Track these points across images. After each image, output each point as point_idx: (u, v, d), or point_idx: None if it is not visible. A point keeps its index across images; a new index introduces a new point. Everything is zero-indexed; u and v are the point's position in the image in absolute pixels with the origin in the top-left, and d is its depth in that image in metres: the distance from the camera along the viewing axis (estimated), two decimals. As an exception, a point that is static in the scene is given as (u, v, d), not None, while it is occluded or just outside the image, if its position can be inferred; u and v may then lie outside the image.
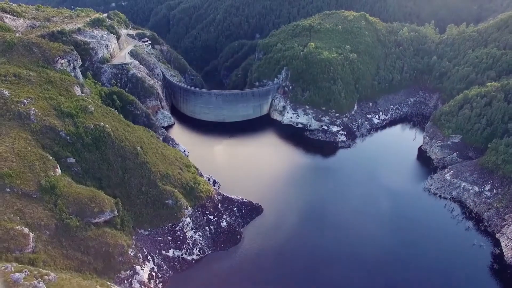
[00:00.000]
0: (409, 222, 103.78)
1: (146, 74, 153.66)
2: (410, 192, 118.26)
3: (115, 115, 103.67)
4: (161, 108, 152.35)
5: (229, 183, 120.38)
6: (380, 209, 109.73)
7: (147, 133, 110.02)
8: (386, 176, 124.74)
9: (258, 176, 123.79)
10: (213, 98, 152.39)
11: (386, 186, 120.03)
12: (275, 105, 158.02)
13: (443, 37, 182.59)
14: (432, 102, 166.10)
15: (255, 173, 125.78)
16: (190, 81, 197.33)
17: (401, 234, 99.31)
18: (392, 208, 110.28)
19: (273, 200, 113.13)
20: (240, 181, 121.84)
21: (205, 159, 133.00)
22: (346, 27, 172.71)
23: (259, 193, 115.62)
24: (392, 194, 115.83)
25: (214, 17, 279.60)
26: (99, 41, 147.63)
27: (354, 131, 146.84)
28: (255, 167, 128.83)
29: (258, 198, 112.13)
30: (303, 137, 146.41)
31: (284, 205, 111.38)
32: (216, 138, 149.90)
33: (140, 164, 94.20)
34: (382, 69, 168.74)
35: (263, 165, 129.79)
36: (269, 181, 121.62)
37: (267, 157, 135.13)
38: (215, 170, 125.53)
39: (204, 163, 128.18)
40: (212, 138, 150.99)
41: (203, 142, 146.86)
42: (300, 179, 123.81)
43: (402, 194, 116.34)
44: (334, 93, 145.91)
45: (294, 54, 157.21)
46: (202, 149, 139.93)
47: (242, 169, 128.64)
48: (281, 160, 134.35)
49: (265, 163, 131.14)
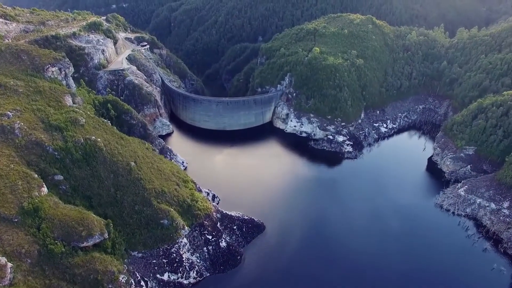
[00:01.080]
0: (421, 242, 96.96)
1: (144, 80, 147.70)
2: (421, 208, 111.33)
3: (108, 127, 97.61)
4: (159, 115, 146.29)
5: (230, 197, 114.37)
6: (389, 227, 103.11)
7: (142, 145, 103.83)
8: (394, 190, 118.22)
9: (260, 189, 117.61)
10: (214, 105, 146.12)
11: (395, 201, 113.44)
12: (278, 113, 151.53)
13: (453, 41, 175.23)
14: (442, 109, 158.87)
15: (256, 185, 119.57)
16: (191, 86, 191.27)
17: (412, 255, 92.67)
18: (402, 226, 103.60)
19: (276, 216, 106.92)
20: (241, 195, 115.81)
21: (205, 171, 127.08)
22: (352, 31, 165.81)
23: (261, 208, 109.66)
24: (401, 210, 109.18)
25: (216, 19, 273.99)
26: (95, 46, 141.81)
27: (360, 141, 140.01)
28: (257, 179, 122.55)
29: (260, 214, 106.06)
30: (308, 147, 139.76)
31: (287, 222, 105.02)
32: (216, 148, 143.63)
33: (134, 181, 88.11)
34: (390, 75, 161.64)
35: (265, 177, 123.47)
36: (271, 195, 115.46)
37: (269, 168, 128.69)
38: (215, 182, 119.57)
39: (203, 176, 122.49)
40: (212, 147, 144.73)
41: (202, 152, 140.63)
42: (304, 192, 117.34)
43: (412, 210, 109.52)
44: (340, 101, 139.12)
45: (298, 59, 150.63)
46: (202, 160, 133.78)
47: (243, 181, 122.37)
48: (284, 172, 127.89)
49: (267, 175, 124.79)
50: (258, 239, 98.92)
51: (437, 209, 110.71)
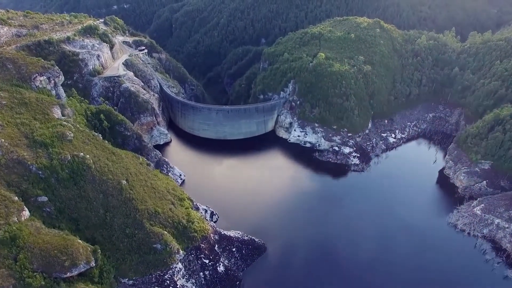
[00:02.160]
0: (434, 266, 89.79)
1: (140, 87, 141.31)
2: (433, 227, 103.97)
3: (99, 141, 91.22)
4: (156, 124, 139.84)
5: (229, 213, 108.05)
6: (398, 248, 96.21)
7: (136, 160, 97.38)
8: (404, 207, 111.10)
9: (261, 205, 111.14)
10: (213, 113, 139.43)
11: (404, 218, 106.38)
12: (281, 121, 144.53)
13: (465, 46, 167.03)
14: (454, 118, 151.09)
15: (257, 200, 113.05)
16: (191, 91, 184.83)
17: (424, 280, 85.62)
18: (413, 247, 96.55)
19: (278, 235, 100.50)
20: (241, 211, 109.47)
21: (203, 184, 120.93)
22: (359, 35, 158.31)
23: (262, 226, 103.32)
24: (412, 229, 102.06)
25: (218, 21, 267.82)
26: (90, 52, 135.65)
27: (368, 152, 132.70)
28: (258, 193, 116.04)
29: (261, 233, 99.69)
30: (312, 158, 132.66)
31: (290, 241, 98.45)
32: (216, 158, 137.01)
33: (125, 201, 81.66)
34: (399, 82, 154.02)
35: (267, 191, 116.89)
36: (273, 211, 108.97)
37: (271, 182, 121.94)
38: (214, 196, 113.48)
39: (201, 190, 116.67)
40: (211, 158, 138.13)
41: (201, 163, 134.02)
42: (308, 209, 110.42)
43: (423, 230, 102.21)
44: (346, 110, 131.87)
45: (302, 65, 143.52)
46: (201, 172, 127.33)
47: (243, 195, 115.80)
48: (287, 186, 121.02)
49: (269, 189, 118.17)
50: (258, 262, 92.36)
51: (450, 229, 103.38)
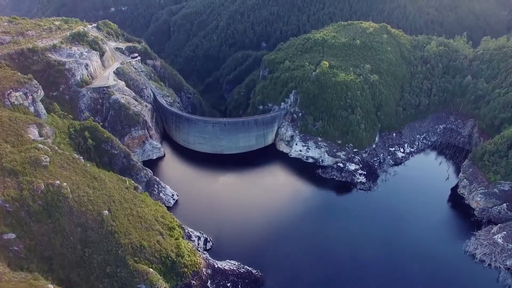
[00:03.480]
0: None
1: (132, 98, 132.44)
2: (448, 256, 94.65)
3: (79, 165, 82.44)
4: (149, 137, 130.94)
5: (224, 238, 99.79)
6: (410, 277, 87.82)
7: (122, 184, 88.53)
8: (415, 231, 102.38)
9: (259, 228, 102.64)
10: (209, 126, 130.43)
11: (415, 245, 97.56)
12: (282, 134, 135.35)
13: (478, 52, 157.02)
14: (466, 130, 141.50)
15: (255, 223, 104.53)
16: (187, 99, 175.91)
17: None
18: (426, 278, 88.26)
19: (277, 264, 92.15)
20: (238, 235, 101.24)
21: (198, 204, 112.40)
22: (365, 42, 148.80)
23: (260, 253, 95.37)
24: (424, 258, 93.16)
25: (217, 24, 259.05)
26: (78, 60, 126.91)
27: (375, 169, 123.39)
28: (256, 215, 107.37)
29: (259, 262, 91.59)
30: (315, 175, 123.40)
31: (291, 273, 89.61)
32: (212, 175, 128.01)
33: (106, 235, 73.02)
34: (407, 91, 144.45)
35: (265, 213, 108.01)
36: (272, 236, 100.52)
37: (270, 202, 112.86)
38: (208, 218, 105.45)
39: (195, 211, 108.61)
40: (207, 174, 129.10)
41: (196, 180, 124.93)
42: (311, 234, 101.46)
43: (437, 259, 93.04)
44: (352, 124, 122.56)
45: (304, 74, 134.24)
46: (195, 190, 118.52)
47: (240, 217, 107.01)
48: (288, 207, 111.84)
49: (268, 210, 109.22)
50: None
51: (468, 258, 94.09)
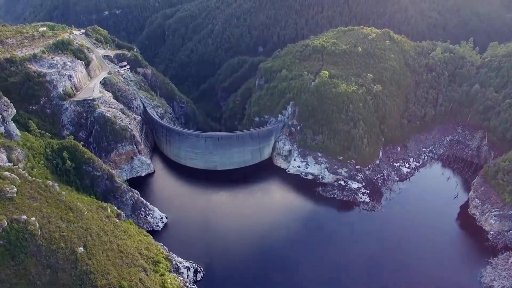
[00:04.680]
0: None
1: (119, 110, 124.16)
2: (462, 287, 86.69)
3: (53, 194, 73.94)
4: (137, 153, 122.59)
5: (217, 267, 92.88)
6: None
7: (102, 212, 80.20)
8: (424, 257, 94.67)
9: (254, 255, 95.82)
10: (202, 141, 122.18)
11: (425, 274, 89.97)
12: (279, 148, 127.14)
13: (486, 59, 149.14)
14: (475, 142, 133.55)
15: (250, 249, 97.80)
16: (180, 109, 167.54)
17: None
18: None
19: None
20: (231, 263, 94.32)
21: (188, 227, 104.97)
22: (367, 49, 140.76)
23: (255, 284, 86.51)
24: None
25: (212, 28, 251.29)
26: (60, 71, 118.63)
27: (379, 187, 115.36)
28: (251, 239, 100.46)
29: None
30: (315, 194, 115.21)
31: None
32: (204, 193, 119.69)
33: (80, 276, 64.63)
34: (412, 102, 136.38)
35: (261, 237, 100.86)
36: (268, 263, 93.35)
37: (267, 224, 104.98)
38: (200, 243, 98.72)
39: (185, 235, 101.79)
40: (200, 192, 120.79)
41: (188, 199, 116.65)
42: (311, 260, 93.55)
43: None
44: (354, 138, 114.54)
45: (302, 85, 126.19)
46: (186, 211, 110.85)
47: (234, 242, 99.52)
48: (286, 229, 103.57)
49: (264, 234, 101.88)
50: None
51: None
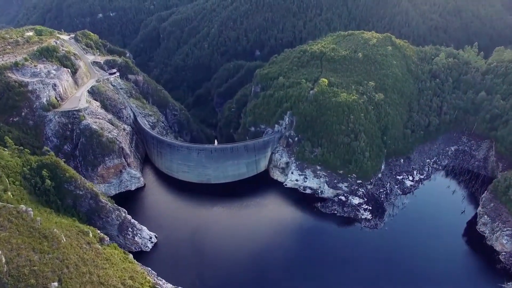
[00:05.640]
0: None
1: (107, 121, 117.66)
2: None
3: (27, 220, 67.42)
4: (126, 166, 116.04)
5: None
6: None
7: (83, 238, 73.63)
8: (431, 279, 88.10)
9: (249, 278, 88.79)
10: (194, 153, 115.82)
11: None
12: (276, 161, 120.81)
13: (492, 65, 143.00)
14: (481, 153, 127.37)
15: (245, 270, 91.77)
16: (173, 117, 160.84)
17: None
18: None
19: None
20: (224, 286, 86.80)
21: (179, 247, 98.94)
22: (368, 55, 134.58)
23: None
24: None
25: (208, 31, 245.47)
26: (43, 80, 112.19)
27: (381, 202, 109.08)
28: (246, 260, 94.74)
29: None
30: (313, 210, 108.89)
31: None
32: (197, 208, 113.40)
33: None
34: (416, 111, 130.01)
35: (256, 257, 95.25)
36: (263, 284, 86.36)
37: (263, 243, 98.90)
38: (191, 265, 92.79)
39: (175, 256, 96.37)
40: (192, 207, 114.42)
41: (179, 215, 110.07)
42: (308, 283, 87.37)
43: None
44: (355, 152, 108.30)
45: (300, 93, 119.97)
46: (177, 228, 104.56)
47: (227, 263, 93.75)
48: (283, 248, 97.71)
49: (259, 254, 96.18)
50: None
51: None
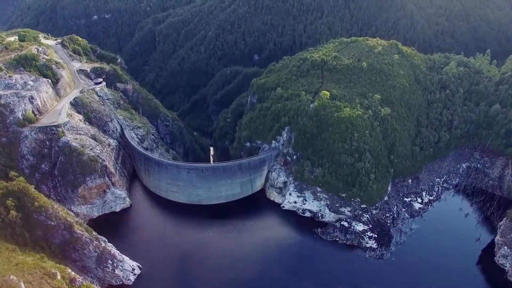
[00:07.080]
0: None
1: (89, 137, 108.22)
2: None
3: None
4: (110, 186, 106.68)
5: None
6: None
7: (48, 282, 64.19)
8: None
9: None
10: (184, 172, 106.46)
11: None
12: (273, 180, 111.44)
13: (506, 74, 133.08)
14: (496, 171, 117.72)
15: None
16: (165, 128, 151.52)
17: None
18: None
19: None
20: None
21: (165, 278, 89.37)
22: (373, 64, 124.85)
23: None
24: None
25: (205, 34, 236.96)
26: (19, 93, 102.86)
27: (387, 229, 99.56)
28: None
29: None
30: (313, 235, 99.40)
31: None
32: (186, 232, 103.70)
33: None
34: (424, 125, 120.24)
35: None
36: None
37: (257, 274, 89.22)
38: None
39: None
40: (181, 231, 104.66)
41: (167, 241, 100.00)
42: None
43: None
44: (359, 173, 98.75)
45: (300, 107, 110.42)
46: (164, 256, 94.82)
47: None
48: (279, 282, 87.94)
49: (252, 286, 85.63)
50: None
51: None
